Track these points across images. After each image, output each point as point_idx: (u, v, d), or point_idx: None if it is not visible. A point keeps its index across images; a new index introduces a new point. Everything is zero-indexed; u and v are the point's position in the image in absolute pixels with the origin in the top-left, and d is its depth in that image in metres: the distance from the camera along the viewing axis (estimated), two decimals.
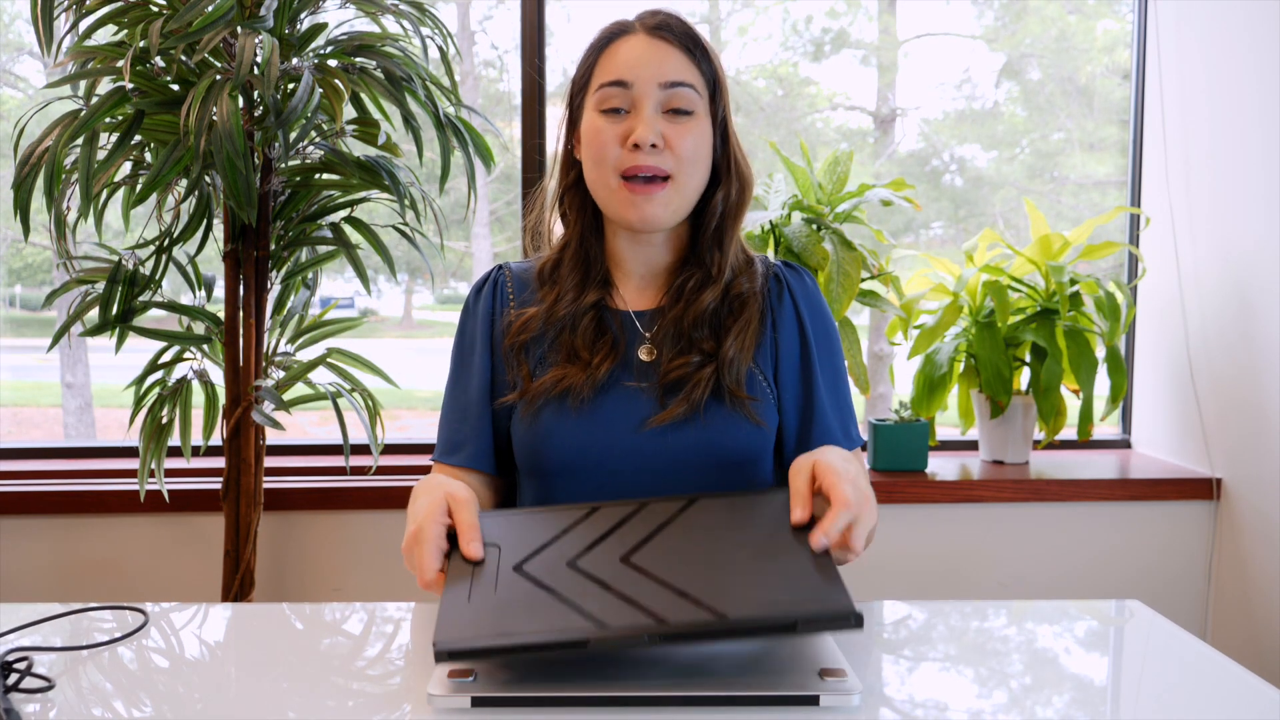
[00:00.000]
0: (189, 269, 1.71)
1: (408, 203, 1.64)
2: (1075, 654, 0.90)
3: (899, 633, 0.95)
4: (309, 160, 1.68)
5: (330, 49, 1.60)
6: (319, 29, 1.59)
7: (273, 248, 1.67)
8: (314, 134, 1.65)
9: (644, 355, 1.12)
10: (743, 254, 1.17)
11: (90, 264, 1.64)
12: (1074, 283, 2.01)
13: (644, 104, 1.07)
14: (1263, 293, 1.87)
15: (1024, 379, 2.09)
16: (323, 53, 1.60)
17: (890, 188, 1.95)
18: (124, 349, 1.63)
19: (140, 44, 1.42)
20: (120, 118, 1.52)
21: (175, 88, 1.54)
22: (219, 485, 1.79)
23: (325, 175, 1.69)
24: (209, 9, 1.42)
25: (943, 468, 2.08)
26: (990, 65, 3.17)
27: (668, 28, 1.10)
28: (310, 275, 1.78)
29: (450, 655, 0.75)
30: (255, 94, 1.57)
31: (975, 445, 2.24)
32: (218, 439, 1.72)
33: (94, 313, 1.60)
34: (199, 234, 1.66)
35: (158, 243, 1.64)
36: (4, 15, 2.79)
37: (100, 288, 1.60)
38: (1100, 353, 2.01)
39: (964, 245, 2.18)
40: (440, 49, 1.67)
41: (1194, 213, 2.08)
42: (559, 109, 1.19)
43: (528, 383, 1.11)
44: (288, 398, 1.66)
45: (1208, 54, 2.04)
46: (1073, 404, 2.04)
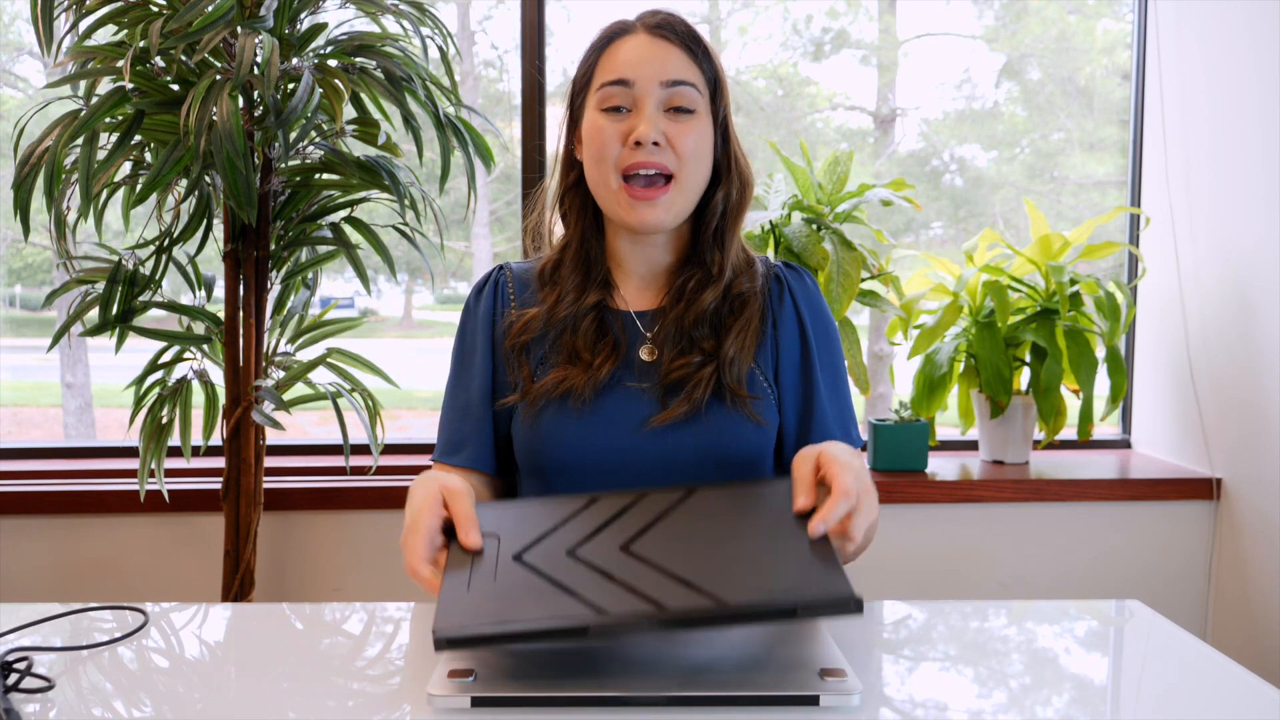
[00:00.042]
0: (189, 269, 1.71)
1: (408, 203, 1.64)
2: (1075, 654, 0.90)
3: (899, 633, 0.95)
4: (309, 160, 1.68)
5: (330, 49, 1.60)
6: (319, 29, 1.59)
7: (273, 248, 1.67)
8: (314, 134, 1.65)
9: (645, 355, 1.12)
10: (743, 254, 1.17)
11: (90, 264, 1.64)
12: (1074, 283, 2.01)
13: (645, 102, 1.07)
14: (1263, 293, 1.87)
15: (1024, 379, 2.09)
16: (323, 53, 1.60)
17: (890, 188, 1.95)
18: (124, 349, 1.63)
19: (140, 44, 1.42)
20: (120, 118, 1.52)
21: (175, 88, 1.54)
22: (219, 485, 1.79)
23: (325, 175, 1.69)
24: (209, 9, 1.42)
25: (943, 468, 2.08)
26: (990, 65, 3.17)
27: (669, 27, 1.10)
28: (310, 275, 1.78)
29: (450, 643, 0.75)
30: (255, 94, 1.57)
31: (975, 445, 2.24)
32: (218, 439, 1.72)
33: (94, 313, 1.60)
34: (199, 234, 1.66)
35: (158, 243, 1.64)
36: (4, 15, 2.79)
37: (100, 288, 1.60)
38: (1100, 353, 2.01)
39: (964, 245, 2.18)
40: (440, 49, 1.67)
41: (1194, 213, 2.08)
42: (559, 109, 1.19)
43: (529, 383, 1.11)
44: (288, 398, 1.66)
45: (1208, 54, 2.04)
46: (1073, 404, 2.04)
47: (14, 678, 0.79)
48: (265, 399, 1.62)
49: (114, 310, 1.59)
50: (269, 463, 1.95)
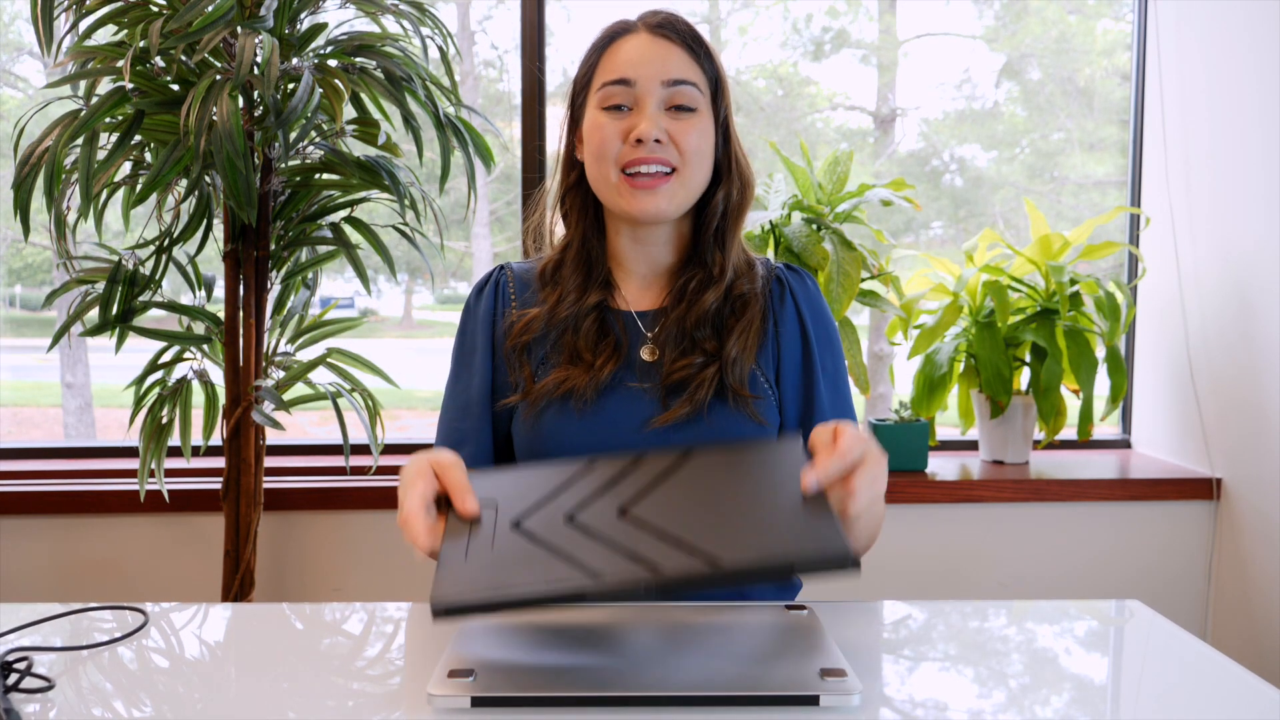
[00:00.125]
0: (189, 269, 1.71)
1: (408, 203, 1.64)
2: (1075, 654, 0.90)
3: (899, 633, 0.95)
4: (309, 160, 1.68)
5: (330, 49, 1.60)
6: (319, 29, 1.59)
7: (273, 248, 1.67)
8: (314, 134, 1.65)
9: (646, 356, 1.12)
10: (743, 255, 1.17)
11: (90, 264, 1.64)
12: (1074, 283, 2.01)
13: (647, 101, 1.07)
14: (1263, 293, 1.87)
15: (1024, 379, 2.09)
16: (323, 53, 1.60)
17: (890, 188, 1.95)
18: (124, 349, 1.63)
19: (140, 44, 1.42)
20: (120, 118, 1.52)
21: (175, 88, 1.54)
22: (219, 485, 1.79)
23: (325, 175, 1.69)
24: (209, 9, 1.42)
25: (943, 468, 2.08)
26: (990, 65, 3.17)
27: (670, 26, 1.10)
28: (310, 275, 1.78)
29: (447, 611, 0.74)
30: (255, 94, 1.57)
31: (975, 445, 2.24)
32: (218, 439, 1.72)
33: (94, 313, 1.60)
34: (199, 234, 1.66)
35: (158, 243, 1.64)
36: (4, 15, 2.79)
37: (100, 288, 1.60)
38: (1100, 353, 2.01)
39: (964, 245, 2.18)
40: (440, 49, 1.67)
41: (1194, 213, 2.08)
42: (559, 109, 1.19)
43: (530, 384, 1.11)
44: (288, 398, 1.66)
45: (1208, 54, 2.04)
46: (1073, 404, 2.04)
47: (14, 678, 0.79)
48: (265, 399, 1.62)
49: (114, 310, 1.59)
50: (269, 463, 1.95)
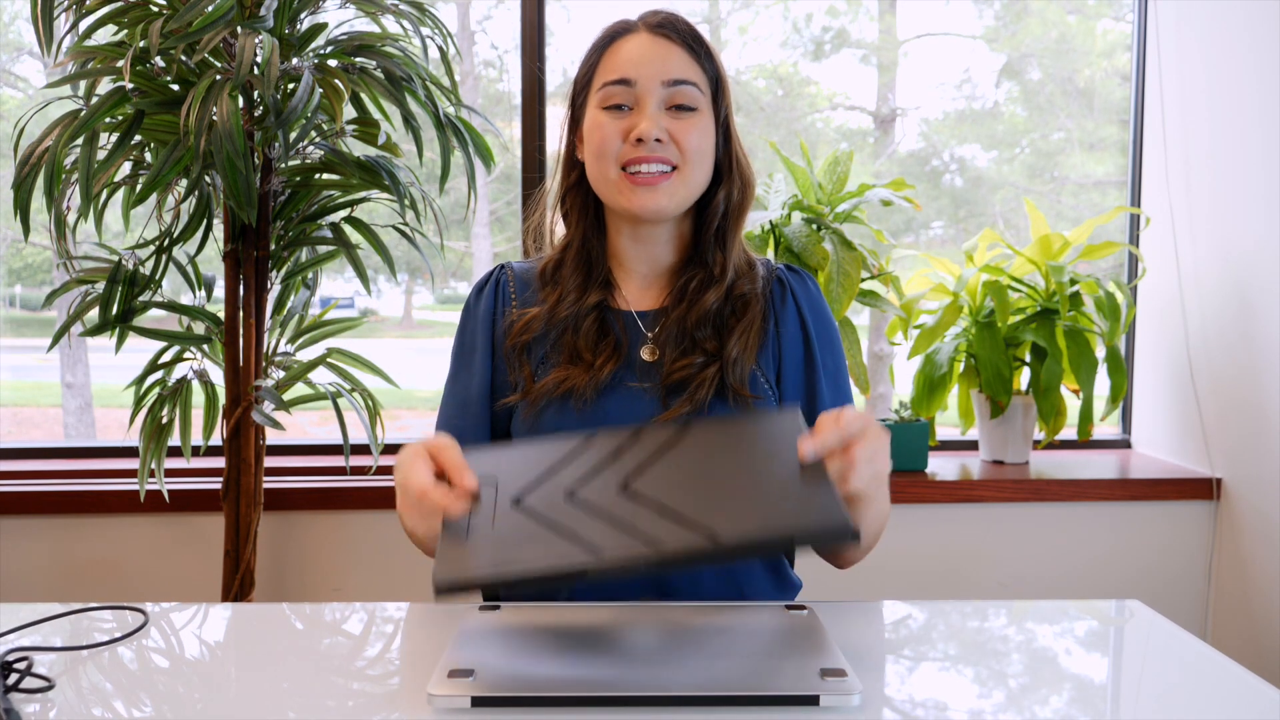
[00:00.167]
0: (189, 269, 1.71)
1: (408, 203, 1.64)
2: (1075, 654, 0.90)
3: (899, 633, 0.95)
4: (309, 160, 1.68)
5: (330, 49, 1.60)
6: (319, 29, 1.59)
7: (273, 248, 1.67)
8: (314, 134, 1.65)
9: (646, 355, 1.12)
10: (744, 256, 1.17)
11: (90, 264, 1.64)
12: (1074, 283, 2.01)
13: (647, 101, 1.07)
14: (1263, 293, 1.87)
15: (1024, 379, 2.09)
16: (323, 53, 1.60)
17: (890, 188, 1.95)
18: (124, 349, 1.63)
19: (140, 44, 1.42)
20: (120, 118, 1.52)
21: (175, 88, 1.54)
22: (219, 485, 1.79)
23: (325, 175, 1.69)
24: (209, 9, 1.42)
25: (943, 468, 2.08)
26: (990, 65, 3.17)
27: (670, 26, 1.10)
28: (310, 275, 1.78)
29: (450, 589, 0.75)
30: (255, 94, 1.57)
31: (975, 445, 2.24)
32: (218, 439, 1.72)
33: (94, 313, 1.60)
34: (199, 234, 1.66)
35: (158, 243, 1.64)
36: (4, 15, 2.79)
37: (100, 288, 1.60)
38: (1100, 353, 2.01)
39: (964, 245, 2.18)
40: (440, 49, 1.67)
41: (1194, 213, 2.08)
42: (559, 109, 1.19)
43: (530, 384, 1.11)
44: (288, 398, 1.66)
45: (1208, 54, 2.04)
46: (1073, 404, 2.04)
47: (14, 678, 0.79)
48: (265, 399, 1.62)
49: (114, 310, 1.59)
50: (269, 463, 1.95)
